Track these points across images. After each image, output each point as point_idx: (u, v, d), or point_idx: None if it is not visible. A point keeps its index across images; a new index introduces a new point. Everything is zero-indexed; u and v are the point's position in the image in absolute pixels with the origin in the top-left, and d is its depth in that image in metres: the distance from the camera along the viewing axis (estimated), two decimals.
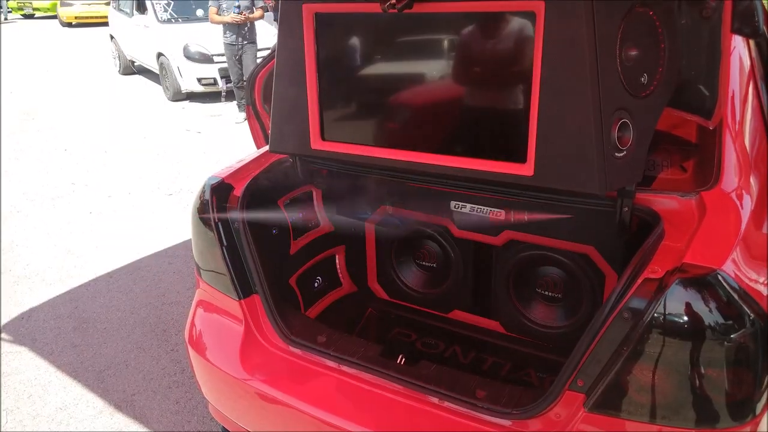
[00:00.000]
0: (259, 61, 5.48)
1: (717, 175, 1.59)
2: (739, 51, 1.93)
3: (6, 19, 23.42)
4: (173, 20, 9.70)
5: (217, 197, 1.95)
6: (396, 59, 1.78)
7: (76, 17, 20.54)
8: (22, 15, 24.89)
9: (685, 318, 1.28)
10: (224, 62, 8.03)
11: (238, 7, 7.21)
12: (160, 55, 9.22)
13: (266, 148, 2.13)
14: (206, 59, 8.73)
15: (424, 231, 2.30)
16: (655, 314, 1.29)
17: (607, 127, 1.41)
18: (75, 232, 4.76)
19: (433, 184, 1.99)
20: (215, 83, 8.81)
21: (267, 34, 8.51)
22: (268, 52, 2.73)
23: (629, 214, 1.60)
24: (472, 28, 1.62)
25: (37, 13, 25.39)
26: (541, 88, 1.44)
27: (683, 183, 1.81)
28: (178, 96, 9.22)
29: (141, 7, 9.97)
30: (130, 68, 11.65)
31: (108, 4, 12.45)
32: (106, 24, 12.81)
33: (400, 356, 1.81)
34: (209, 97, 9.19)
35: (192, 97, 9.30)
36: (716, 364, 1.28)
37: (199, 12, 9.41)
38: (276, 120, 1.92)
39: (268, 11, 9.63)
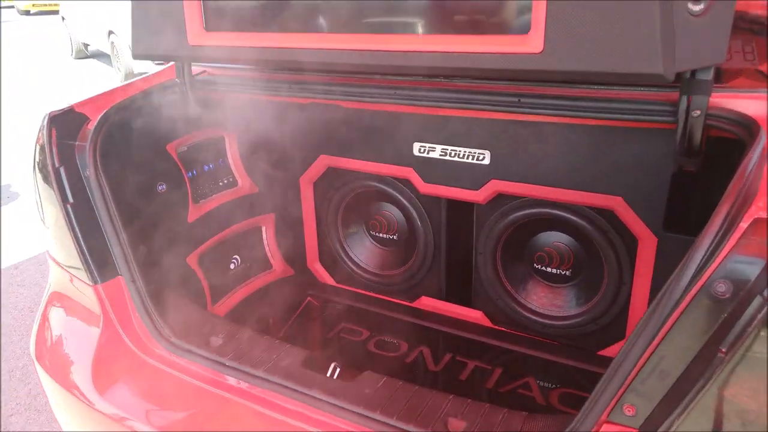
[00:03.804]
0: None
1: None
2: None
3: None
4: None
5: (59, 132, 1.31)
6: None
7: (33, 5, 20.73)
8: None
9: None
10: None
11: None
12: (110, 33, 8.62)
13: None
14: None
15: (379, 189, 1.68)
16: None
17: None
18: None
19: (387, 101, 1.35)
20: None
21: None
22: None
23: (702, 124, 0.98)
24: None
25: None
26: None
27: None
28: (131, 77, 8.49)
29: None
30: (84, 52, 11.18)
31: None
32: None
33: (334, 366, 1.20)
34: None
35: None
36: None
37: None
38: (138, 15, 1.29)
39: None
